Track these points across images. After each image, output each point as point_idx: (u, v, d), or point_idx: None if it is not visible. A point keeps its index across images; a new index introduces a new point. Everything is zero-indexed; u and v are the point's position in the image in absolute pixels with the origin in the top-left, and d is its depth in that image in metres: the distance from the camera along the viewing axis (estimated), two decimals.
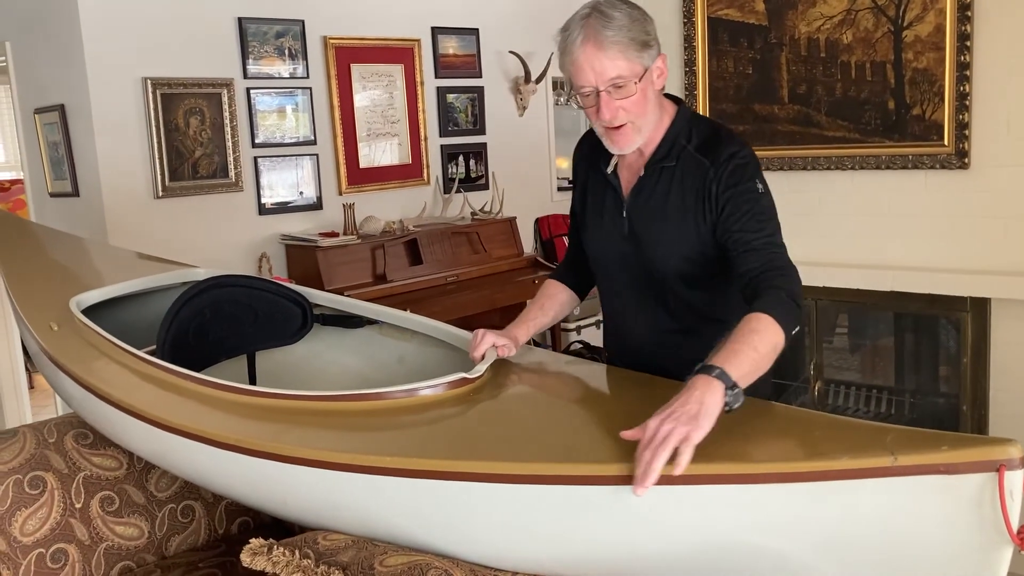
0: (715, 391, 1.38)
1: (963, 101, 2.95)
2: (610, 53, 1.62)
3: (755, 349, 1.47)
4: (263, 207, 4.81)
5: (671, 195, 1.74)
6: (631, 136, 1.71)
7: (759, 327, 1.50)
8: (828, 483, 1.25)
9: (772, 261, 1.64)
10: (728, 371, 1.41)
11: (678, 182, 1.74)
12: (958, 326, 3.09)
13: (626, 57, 1.63)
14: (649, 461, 1.30)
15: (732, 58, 3.49)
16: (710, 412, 1.35)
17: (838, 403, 3.53)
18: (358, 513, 1.60)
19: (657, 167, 1.76)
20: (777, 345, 1.51)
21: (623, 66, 1.63)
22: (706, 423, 1.33)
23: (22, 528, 2.12)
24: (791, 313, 1.55)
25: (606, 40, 1.61)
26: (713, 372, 1.40)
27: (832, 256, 3.33)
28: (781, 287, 1.58)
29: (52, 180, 4.64)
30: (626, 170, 1.82)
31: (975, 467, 1.17)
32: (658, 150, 1.76)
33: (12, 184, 6.66)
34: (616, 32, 1.62)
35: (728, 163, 1.70)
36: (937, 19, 2.97)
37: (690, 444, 1.30)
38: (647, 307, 1.83)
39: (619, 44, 1.62)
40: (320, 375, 2.40)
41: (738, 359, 1.44)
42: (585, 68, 1.64)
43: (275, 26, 4.78)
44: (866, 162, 3.20)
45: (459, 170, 5.76)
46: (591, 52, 1.62)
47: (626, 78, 1.64)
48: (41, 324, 2.35)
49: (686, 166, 1.73)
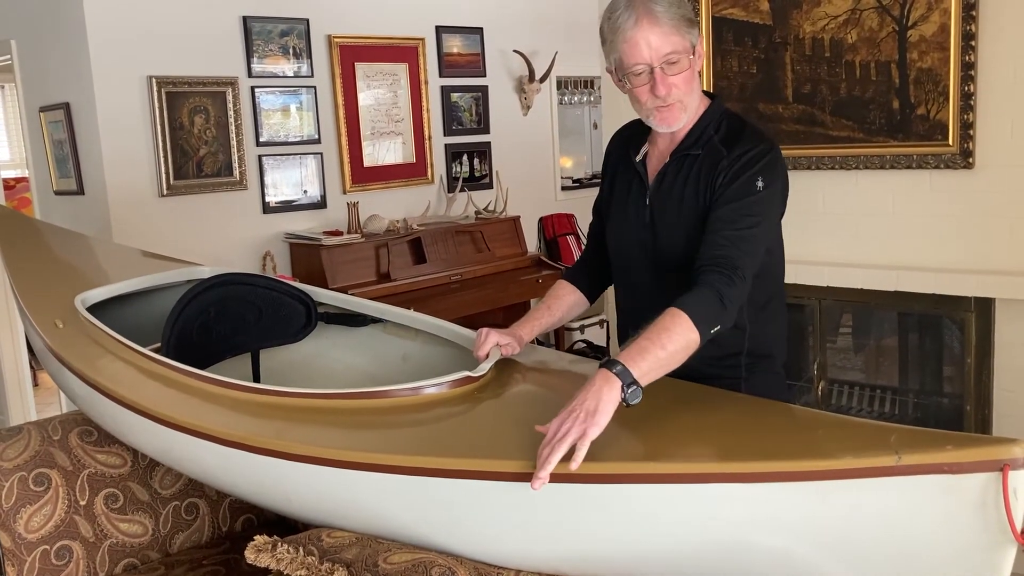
0: (613, 387, 1.43)
1: (968, 101, 2.94)
2: (664, 29, 1.64)
3: (663, 348, 1.50)
4: (267, 205, 4.82)
5: (690, 183, 1.75)
6: (679, 114, 1.72)
7: (672, 325, 1.53)
8: (832, 482, 1.25)
9: (724, 255, 1.62)
10: (630, 368, 1.45)
11: (698, 171, 1.74)
12: (962, 326, 3.09)
13: (679, 32, 1.65)
14: (546, 457, 1.36)
15: (736, 57, 3.48)
16: (606, 409, 1.41)
17: (842, 403, 3.53)
18: (362, 510, 1.60)
19: (682, 155, 1.77)
20: (689, 344, 1.53)
21: (676, 41, 1.65)
22: (602, 419, 1.39)
23: (27, 525, 2.13)
24: (713, 313, 1.56)
25: (659, 16, 1.64)
26: (615, 368, 1.45)
27: (836, 256, 3.33)
28: (714, 285, 1.59)
29: (57, 178, 4.65)
30: (656, 158, 1.83)
31: (979, 467, 1.17)
32: (686, 138, 1.77)
33: (17, 182, 6.68)
34: (666, 9, 1.65)
35: (740, 156, 1.70)
36: (942, 19, 2.96)
37: (586, 440, 1.37)
38: (665, 299, 1.78)
39: (672, 20, 1.65)
40: (324, 373, 2.40)
41: (643, 357, 1.48)
42: (640, 45, 1.64)
43: (280, 25, 4.79)
44: (870, 162, 3.20)
45: (463, 169, 5.76)
46: (646, 28, 1.64)
47: (680, 53, 1.66)
48: (46, 321, 2.35)
49: (708, 155, 1.74)
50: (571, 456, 1.36)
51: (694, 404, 1.69)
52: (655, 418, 1.62)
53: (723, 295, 1.58)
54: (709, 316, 1.56)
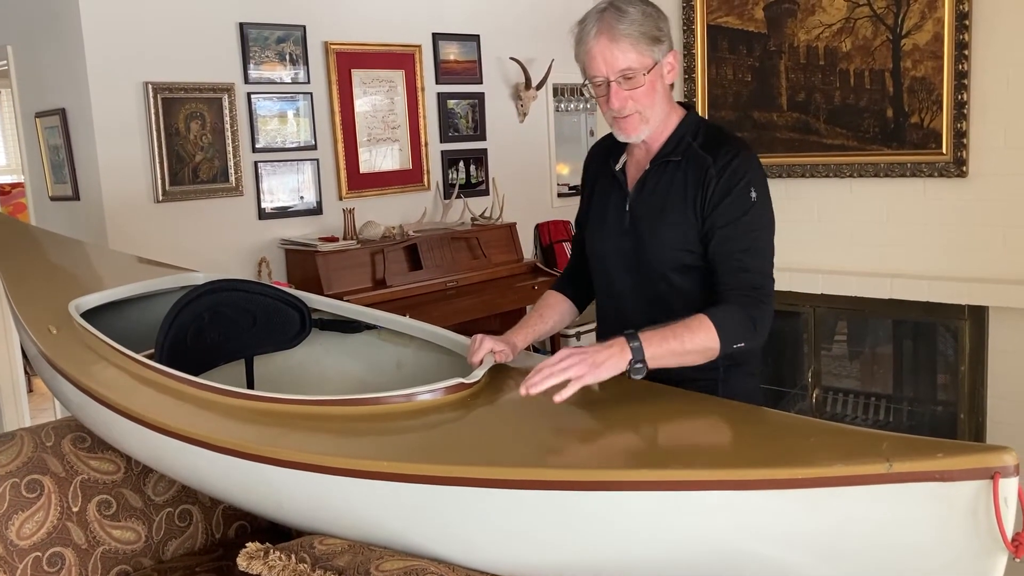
0: (624, 356, 1.58)
1: (961, 110, 2.96)
2: (622, 46, 1.70)
3: (681, 343, 1.62)
4: (263, 212, 4.82)
5: (673, 188, 1.79)
6: (638, 125, 1.77)
7: (697, 328, 1.64)
8: (823, 490, 1.25)
9: (749, 283, 1.72)
10: (645, 348, 1.59)
11: (681, 176, 1.79)
12: (956, 334, 3.10)
13: (637, 50, 1.71)
14: (543, 377, 1.54)
15: (731, 65, 3.50)
16: (610, 369, 1.56)
17: (836, 410, 3.54)
18: (355, 517, 1.60)
19: (662, 162, 1.82)
20: (708, 350, 1.65)
21: (633, 58, 1.71)
22: (602, 374, 1.56)
23: (19, 531, 2.12)
24: (739, 332, 1.68)
25: (619, 33, 1.69)
26: (632, 343, 1.59)
27: (830, 263, 3.33)
28: (745, 307, 1.69)
29: (53, 184, 4.65)
30: (634, 167, 1.87)
31: (970, 474, 1.17)
32: (665, 146, 1.82)
33: (13, 187, 6.67)
34: (628, 26, 1.70)
35: (729, 163, 1.74)
36: (935, 28, 2.98)
37: (579, 383, 1.54)
38: (646, 305, 1.85)
39: (631, 37, 1.70)
40: (318, 380, 2.40)
41: (661, 343, 1.61)
42: (597, 59, 1.71)
43: (276, 31, 4.80)
44: (865, 170, 3.21)
45: (459, 175, 5.77)
46: (604, 44, 1.70)
47: (635, 70, 1.71)
48: (40, 327, 2.35)
49: (690, 162, 1.78)
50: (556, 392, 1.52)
51: (684, 411, 1.70)
52: (646, 425, 1.62)
53: (754, 319, 1.69)
54: (735, 333, 1.67)
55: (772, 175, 3.44)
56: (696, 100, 3.59)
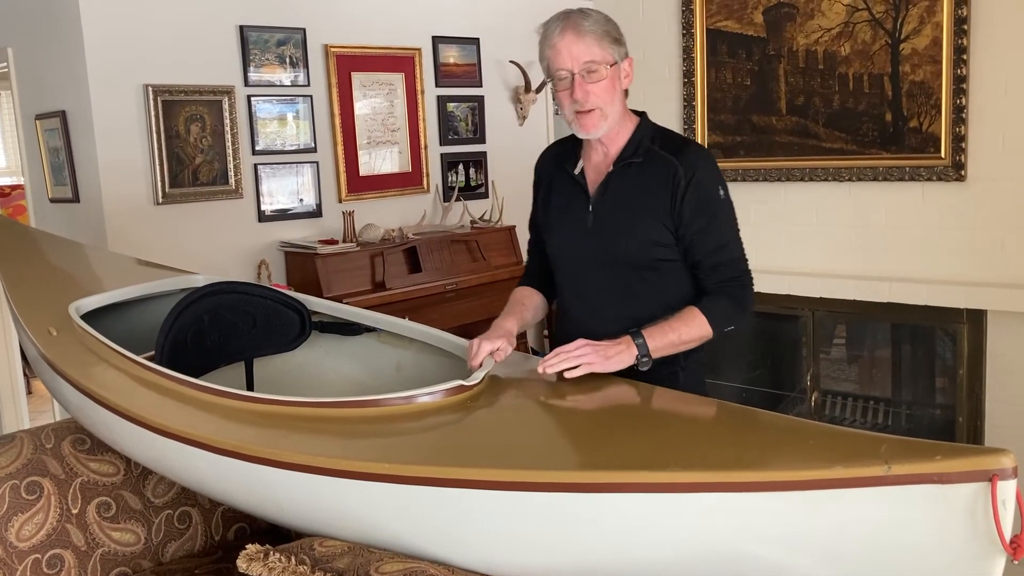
0: (632, 352, 1.80)
1: (960, 114, 2.97)
2: (586, 40, 1.84)
3: (678, 334, 1.84)
4: (263, 214, 4.82)
5: (639, 188, 1.91)
6: (598, 122, 1.89)
7: (691, 320, 1.86)
8: (822, 492, 1.25)
9: (726, 275, 1.91)
10: (648, 343, 1.81)
11: (645, 176, 1.91)
12: (954, 338, 3.10)
13: (600, 45, 1.85)
14: (559, 360, 1.77)
15: (731, 69, 3.51)
16: (619, 363, 1.79)
17: (835, 414, 3.54)
18: (354, 519, 1.60)
19: (625, 163, 1.93)
20: (703, 337, 1.88)
21: (597, 52, 1.84)
22: (611, 366, 1.78)
23: (18, 533, 2.12)
24: (728, 315, 1.89)
25: (584, 29, 1.84)
26: (637, 340, 1.81)
27: (829, 267, 3.34)
28: (732, 293, 1.90)
29: (52, 186, 4.65)
30: (592, 171, 1.98)
31: (968, 476, 1.18)
32: (625, 149, 1.94)
33: (12, 189, 6.67)
34: (592, 24, 1.85)
35: (695, 164, 1.89)
36: (934, 32, 2.99)
37: (589, 368, 1.76)
38: (615, 298, 1.95)
39: (594, 33, 1.85)
40: (318, 382, 2.40)
41: (662, 337, 1.83)
42: (563, 52, 1.85)
43: (276, 34, 4.80)
44: (863, 174, 3.22)
45: (459, 178, 5.77)
46: (570, 38, 1.84)
47: (598, 63, 1.85)
48: (40, 329, 2.35)
49: (653, 162, 1.91)
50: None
51: (683, 413, 1.70)
52: (644, 427, 1.63)
53: (740, 303, 1.90)
54: (725, 318, 1.88)
55: (771, 179, 3.45)
56: (695, 104, 3.60)
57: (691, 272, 1.93)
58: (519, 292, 2.14)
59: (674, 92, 3.66)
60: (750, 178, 3.50)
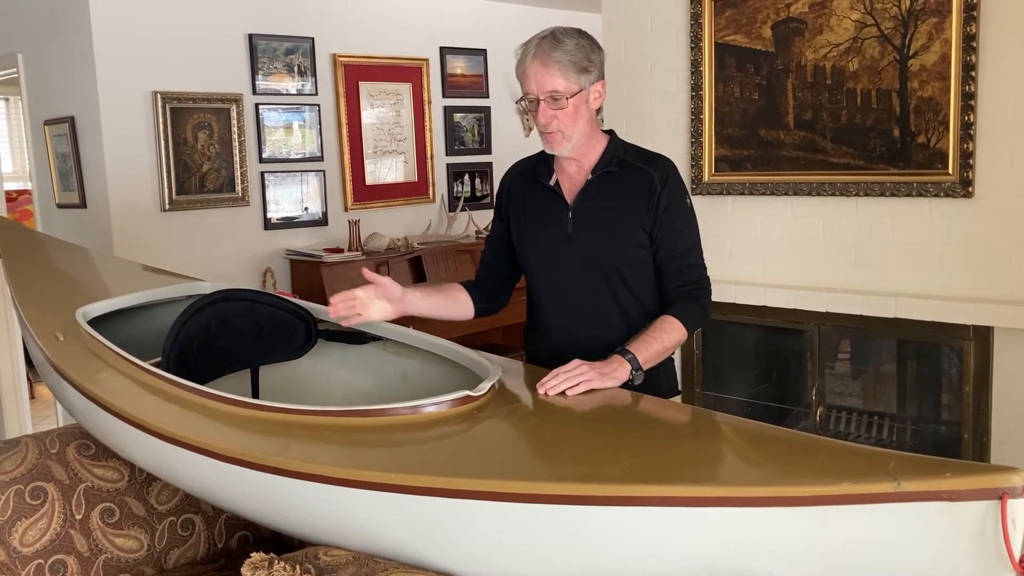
0: (625, 369, 1.88)
1: (968, 130, 2.97)
2: (552, 72, 1.95)
3: (662, 343, 1.96)
4: (269, 222, 4.83)
5: (618, 193, 2.04)
6: (560, 141, 2.01)
7: (669, 328, 1.98)
8: (830, 508, 1.25)
9: (692, 279, 2.06)
10: (638, 356, 1.90)
11: (623, 184, 2.05)
12: (960, 354, 3.09)
13: (564, 76, 1.95)
14: (558, 381, 1.80)
15: (738, 83, 3.51)
16: (615, 380, 1.85)
17: (840, 429, 3.53)
18: (360, 529, 1.60)
19: (602, 173, 2.06)
20: (680, 340, 2.02)
21: (560, 83, 1.95)
22: (608, 383, 1.83)
23: (22, 538, 2.12)
24: (697, 318, 2.05)
25: (551, 59, 1.94)
26: (627, 356, 1.89)
27: (835, 282, 3.34)
28: (695, 299, 2.05)
29: (60, 191, 4.67)
30: (567, 182, 2.10)
31: (978, 495, 1.17)
32: (601, 160, 2.07)
33: (20, 194, 6.69)
34: (561, 55, 1.94)
35: (667, 172, 2.05)
36: (943, 49, 2.99)
37: (587, 386, 1.80)
38: (597, 302, 2.06)
39: (560, 64, 1.94)
40: (323, 391, 2.40)
41: (647, 349, 1.93)
42: (531, 79, 1.98)
43: (285, 43, 4.83)
44: (870, 189, 3.21)
45: (464, 188, 5.78)
46: (537, 67, 1.96)
47: (561, 93, 1.96)
48: (46, 334, 2.35)
49: (628, 172, 2.05)
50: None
51: (689, 427, 1.70)
52: (652, 440, 1.62)
53: (704, 306, 2.07)
54: (695, 320, 2.04)
55: (778, 193, 3.45)
56: (703, 117, 3.60)
57: (656, 274, 2.07)
58: (450, 285, 2.26)
59: (682, 105, 3.66)
60: (757, 192, 3.50)
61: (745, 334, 3.72)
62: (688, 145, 3.64)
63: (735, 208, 3.59)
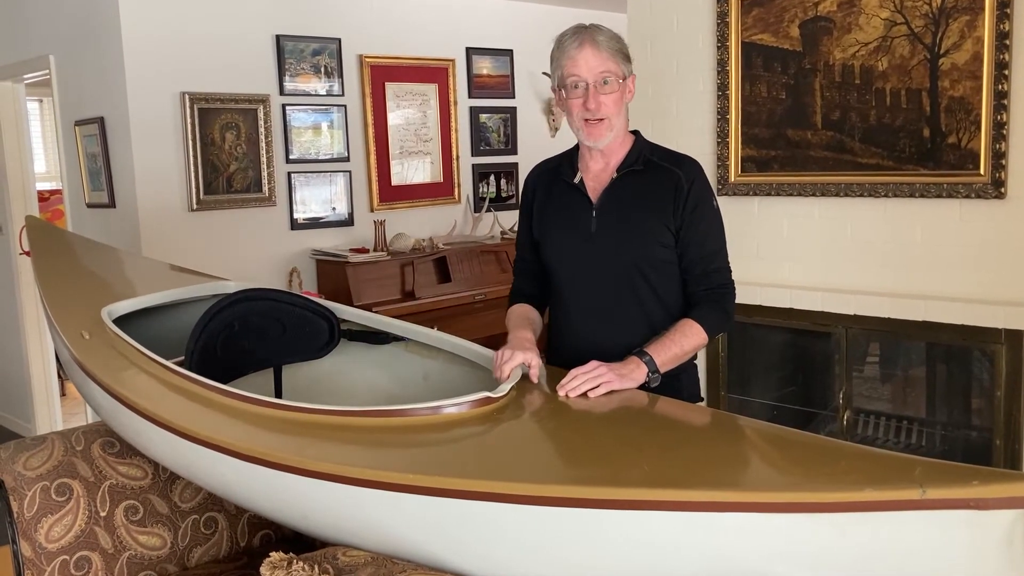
0: (642, 371, 1.88)
1: (1000, 130, 2.91)
2: (603, 54, 1.97)
3: (680, 347, 1.96)
4: (295, 222, 4.86)
5: (643, 193, 2.03)
6: (605, 132, 2.01)
7: (689, 332, 1.98)
8: (854, 514, 1.23)
9: (716, 282, 2.05)
10: (655, 359, 1.90)
11: (648, 183, 2.04)
12: (992, 358, 3.04)
13: (614, 60, 1.98)
14: (578, 383, 1.79)
15: (765, 83, 3.48)
16: (632, 382, 1.85)
17: (867, 433, 3.48)
18: (378, 530, 1.59)
19: (628, 171, 2.05)
20: (700, 344, 2.02)
21: (611, 65, 1.97)
22: (626, 384, 1.83)
23: (47, 535, 2.14)
24: (719, 323, 2.05)
25: (601, 44, 1.97)
26: (644, 358, 1.89)
27: (863, 284, 3.29)
28: (718, 303, 2.04)
29: (90, 191, 4.72)
30: (592, 180, 2.09)
31: (1006, 503, 1.15)
32: (627, 159, 2.06)
33: (51, 194, 6.78)
34: (607, 40, 1.98)
35: (694, 173, 2.04)
36: (975, 47, 2.94)
37: (606, 388, 1.80)
38: (619, 303, 2.04)
39: (609, 49, 1.98)
40: (346, 390, 2.41)
41: (665, 352, 1.93)
42: (580, 63, 1.96)
43: (312, 44, 4.85)
44: (900, 190, 3.17)
45: (490, 189, 5.78)
46: (588, 51, 1.96)
47: (612, 75, 1.97)
48: (73, 332, 2.38)
49: (654, 171, 2.05)
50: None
51: (711, 430, 1.68)
52: (673, 444, 1.61)
53: (727, 310, 2.05)
54: (717, 325, 2.04)
55: (805, 194, 3.41)
56: (729, 117, 3.57)
57: (682, 276, 2.05)
58: (520, 307, 2.18)
59: (708, 105, 3.63)
60: (784, 193, 3.46)
61: (771, 337, 3.68)
62: (714, 145, 3.60)
63: (762, 209, 3.55)
